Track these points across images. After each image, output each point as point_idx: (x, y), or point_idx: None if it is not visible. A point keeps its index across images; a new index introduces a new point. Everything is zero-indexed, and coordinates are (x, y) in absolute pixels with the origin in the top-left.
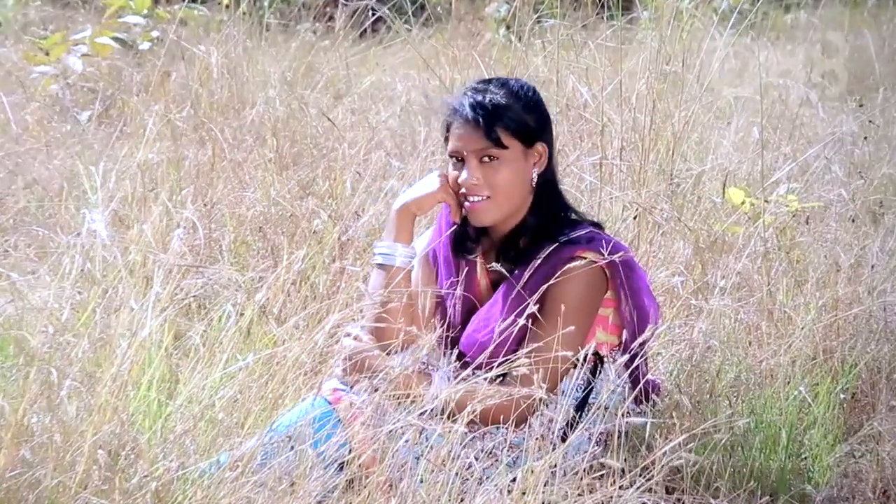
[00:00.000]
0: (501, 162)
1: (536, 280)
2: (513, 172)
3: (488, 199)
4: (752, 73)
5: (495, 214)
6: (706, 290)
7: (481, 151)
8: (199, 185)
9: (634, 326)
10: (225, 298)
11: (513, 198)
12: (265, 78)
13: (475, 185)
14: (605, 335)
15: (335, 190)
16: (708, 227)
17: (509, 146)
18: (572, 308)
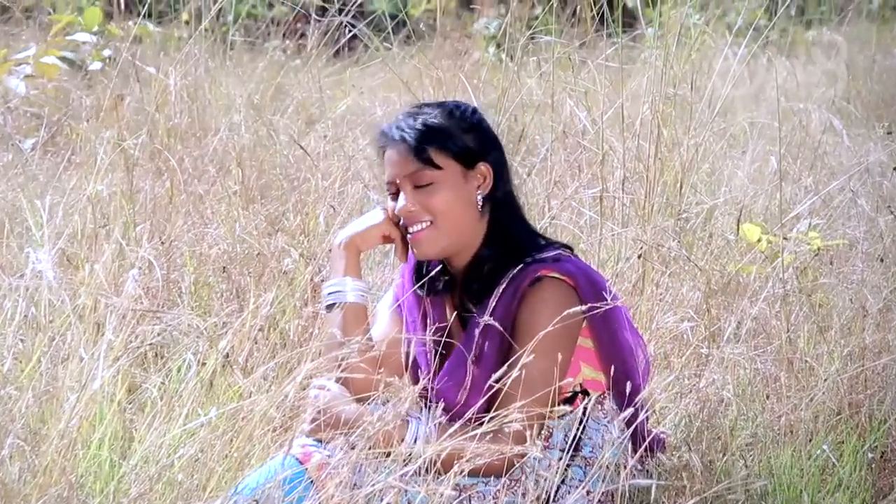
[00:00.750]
0: (437, 185)
1: (501, 308)
2: (451, 195)
3: (430, 225)
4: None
5: (441, 242)
6: (718, 336)
7: (414, 175)
8: (156, 220)
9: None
10: (185, 347)
11: (457, 223)
12: (229, 101)
13: (412, 213)
14: (593, 371)
15: (307, 226)
16: (720, 268)
17: (445, 167)
18: (549, 337)
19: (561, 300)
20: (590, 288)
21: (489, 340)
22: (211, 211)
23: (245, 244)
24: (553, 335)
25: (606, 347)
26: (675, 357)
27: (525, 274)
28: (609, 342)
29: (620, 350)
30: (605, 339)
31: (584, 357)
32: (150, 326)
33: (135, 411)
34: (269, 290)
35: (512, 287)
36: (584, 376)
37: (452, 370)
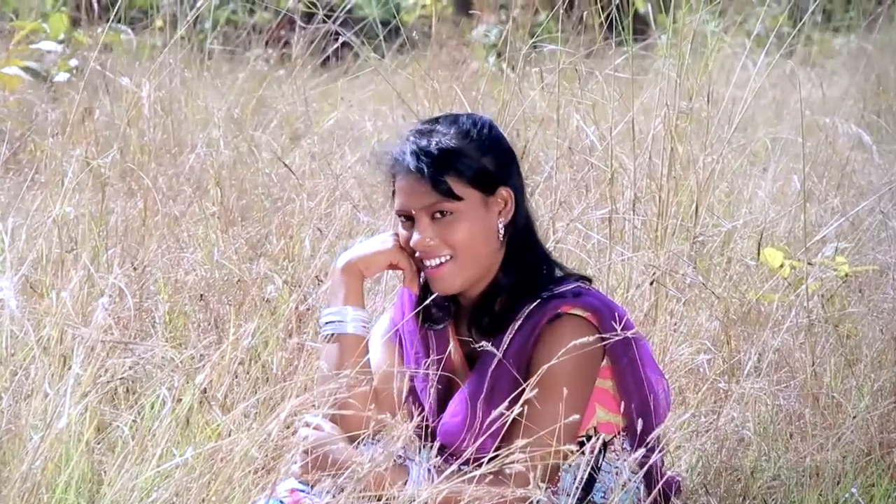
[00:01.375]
0: (457, 216)
1: (517, 347)
2: (473, 226)
3: (450, 260)
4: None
5: (462, 278)
6: (738, 370)
7: (431, 207)
8: (128, 244)
9: (642, 406)
10: (159, 381)
11: (479, 256)
12: (207, 115)
13: (430, 247)
14: (608, 414)
15: (291, 250)
16: (740, 296)
17: (464, 196)
18: (564, 377)
19: (581, 339)
20: (611, 323)
21: (501, 380)
22: (187, 234)
23: (224, 270)
24: (570, 376)
25: (629, 386)
26: (690, 392)
27: (544, 311)
28: (633, 381)
29: (641, 389)
30: (628, 377)
31: (599, 398)
32: (120, 359)
33: (104, 452)
34: (251, 319)
35: (529, 324)
36: (598, 419)
37: (457, 410)
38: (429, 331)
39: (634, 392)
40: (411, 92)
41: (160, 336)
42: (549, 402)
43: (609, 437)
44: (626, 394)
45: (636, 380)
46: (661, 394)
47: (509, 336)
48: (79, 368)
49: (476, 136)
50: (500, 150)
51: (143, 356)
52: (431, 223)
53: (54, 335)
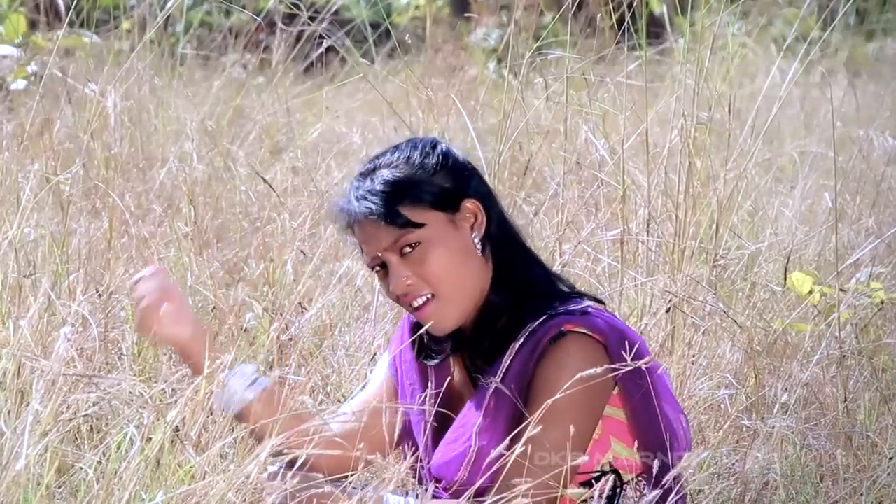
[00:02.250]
0: (426, 245)
1: (518, 369)
2: (447, 251)
3: (433, 298)
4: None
5: (452, 314)
6: (762, 407)
7: (395, 244)
8: (92, 268)
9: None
10: (126, 419)
11: (463, 281)
12: (179, 127)
13: (410, 287)
14: (624, 448)
15: (272, 275)
16: (765, 325)
17: (426, 221)
18: (568, 401)
19: (587, 360)
20: (621, 347)
21: (500, 408)
22: (157, 257)
23: (198, 296)
24: (574, 400)
25: (641, 420)
26: (710, 431)
27: (546, 328)
28: (646, 414)
29: (656, 423)
30: (640, 410)
31: (614, 430)
32: (84, 395)
33: (66, 496)
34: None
35: (531, 343)
36: (614, 453)
37: (453, 441)
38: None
39: (648, 426)
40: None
41: (128, 369)
42: (551, 429)
43: (627, 476)
44: (638, 428)
45: (650, 413)
46: (680, 431)
47: (509, 358)
48: (38, 405)
49: (420, 158)
50: (451, 165)
51: (108, 391)
52: (402, 261)
53: (11, 368)
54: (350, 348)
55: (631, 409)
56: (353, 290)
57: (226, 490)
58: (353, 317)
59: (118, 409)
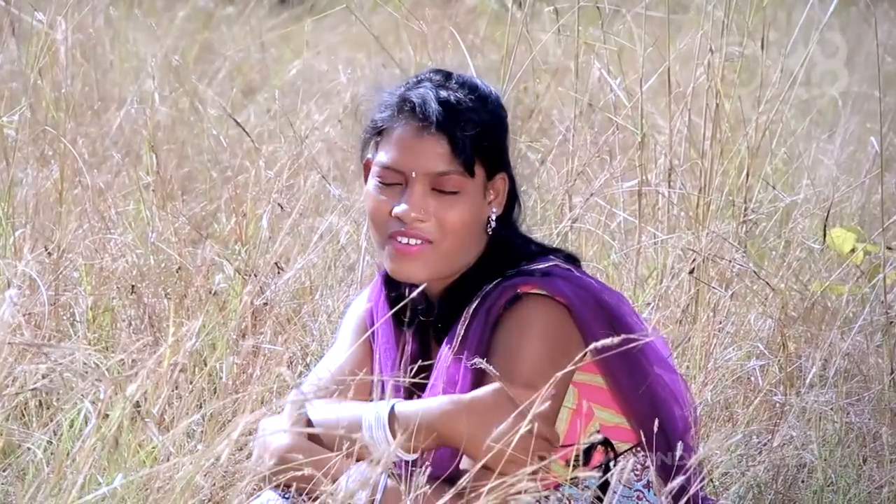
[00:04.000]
0: (461, 197)
1: (475, 339)
2: (470, 212)
3: (430, 245)
4: (867, 57)
5: (435, 269)
6: (798, 380)
7: (440, 177)
8: (41, 223)
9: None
10: (80, 393)
11: (463, 246)
12: (139, 63)
13: (419, 222)
14: (612, 415)
15: (245, 231)
16: (800, 287)
17: (475, 175)
18: (531, 367)
19: (548, 324)
20: (591, 310)
21: (464, 377)
22: (115, 211)
23: (161, 255)
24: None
25: (628, 389)
26: (739, 407)
27: (501, 291)
28: (631, 382)
29: (652, 392)
30: (624, 377)
31: (594, 397)
32: (32, 366)
33: (12, 480)
34: (195, 316)
35: (484, 308)
36: (601, 421)
37: None
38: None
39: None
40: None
41: (81, 337)
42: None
43: (622, 445)
44: (624, 398)
45: (637, 379)
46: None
47: (463, 324)
48: None
49: (492, 108)
50: (506, 133)
51: (60, 362)
52: (430, 193)
53: None
54: (332, 314)
55: (612, 376)
56: (337, 249)
57: (193, 473)
58: (337, 278)
59: (71, 381)
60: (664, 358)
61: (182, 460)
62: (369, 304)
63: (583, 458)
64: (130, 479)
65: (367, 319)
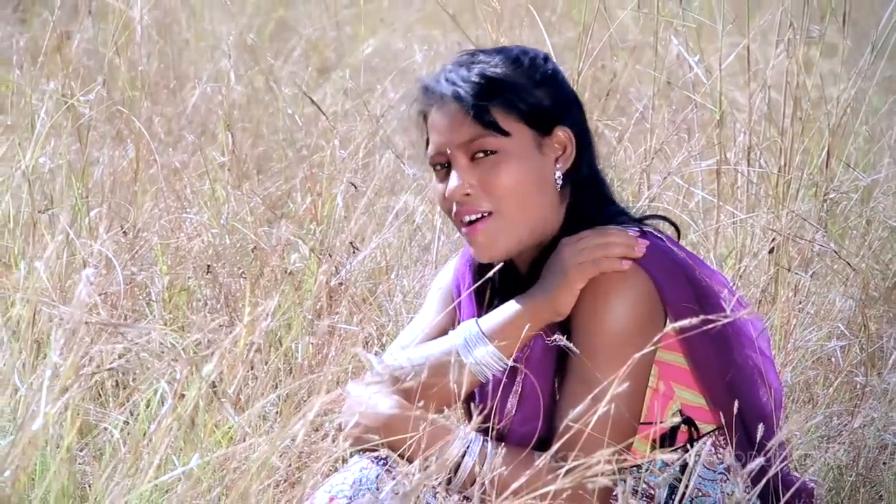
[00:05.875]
0: (503, 156)
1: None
2: (522, 170)
3: (491, 215)
4: None
5: (507, 239)
6: (880, 360)
7: (472, 143)
8: (116, 202)
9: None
10: (156, 373)
11: (528, 208)
12: (214, 42)
13: (468, 197)
14: (693, 395)
15: (320, 211)
16: (882, 267)
17: (512, 132)
18: (612, 346)
19: (635, 297)
20: (678, 284)
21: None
22: (190, 190)
23: (236, 235)
24: (624, 346)
25: (710, 370)
26: (819, 388)
27: None
28: (714, 363)
29: (736, 375)
30: (706, 358)
31: (675, 376)
32: (109, 346)
33: (89, 460)
34: (270, 296)
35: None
36: (682, 400)
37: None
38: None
39: (713, 376)
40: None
41: (157, 317)
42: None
43: (706, 427)
44: (704, 379)
45: (718, 359)
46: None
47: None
48: (57, 357)
49: (528, 65)
50: (558, 83)
51: (136, 342)
52: (470, 165)
53: (26, 315)
54: (408, 294)
55: (693, 356)
56: (412, 228)
57: (269, 453)
58: (412, 258)
59: (147, 362)
60: (753, 340)
61: (258, 441)
62: (455, 274)
63: (668, 440)
64: (206, 460)
65: (452, 291)
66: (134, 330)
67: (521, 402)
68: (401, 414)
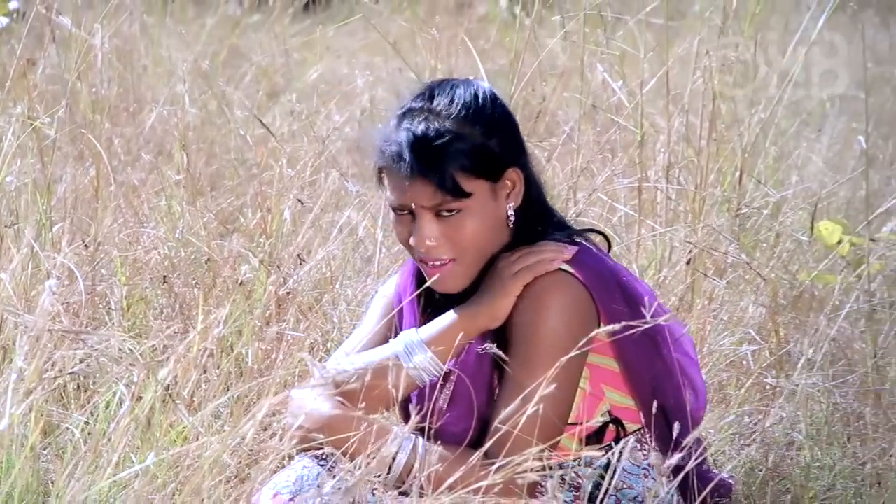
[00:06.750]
0: (465, 213)
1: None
2: (482, 223)
3: (454, 262)
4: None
5: (465, 278)
6: (787, 363)
7: (435, 206)
8: (78, 217)
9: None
10: (115, 377)
11: (485, 251)
12: (170, 68)
13: (434, 248)
14: (621, 396)
15: (269, 225)
16: (790, 277)
17: (473, 191)
18: (551, 343)
19: (567, 301)
20: (611, 291)
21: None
22: (147, 206)
23: (191, 248)
24: (558, 348)
25: (638, 373)
26: (732, 388)
27: None
28: (641, 366)
29: (663, 377)
30: (635, 361)
31: (605, 379)
32: (70, 351)
33: (52, 458)
34: (222, 305)
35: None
36: (611, 402)
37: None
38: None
39: (649, 381)
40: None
41: (116, 324)
42: (535, 374)
43: (631, 426)
44: (633, 381)
45: (647, 364)
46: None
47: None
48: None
49: (480, 114)
50: (507, 127)
51: (96, 348)
52: (435, 221)
53: None
54: (351, 302)
55: (624, 359)
56: (355, 241)
57: (220, 451)
58: (355, 269)
59: (106, 366)
60: (679, 343)
61: (210, 440)
62: (397, 288)
63: (595, 437)
64: (162, 458)
65: (394, 302)
66: (94, 336)
67: (455, 402)
68: (341, 415)
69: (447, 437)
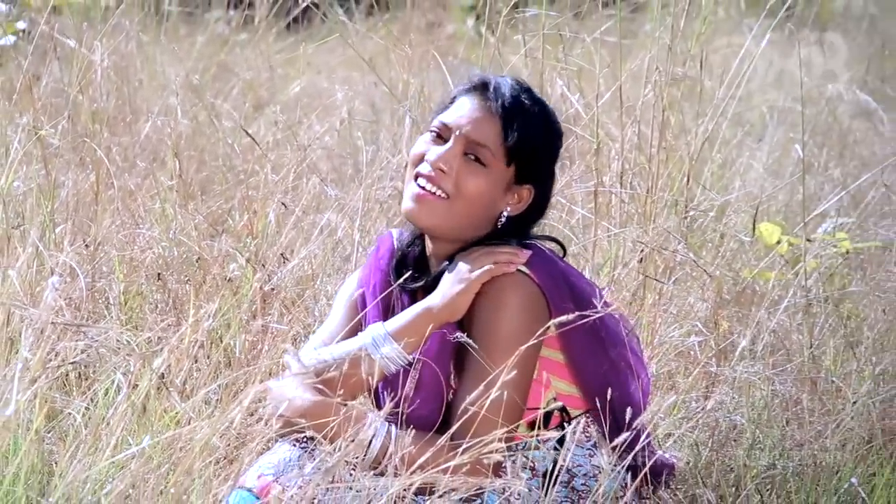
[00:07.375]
0: (486, 172)
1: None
2: (487, 190)
3: (447, 199)
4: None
5: (440, 221)
6: (730, 353)
7: (476, 145)
8: (79, 220)
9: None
10: (113, 366)
11: (471, 215)
12: (164, 81)
13: (440, 173)
14: (566, 385)
15: (255, 226)
16: (733, 274)
17: (503, 164)
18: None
19: (524, 300)
20: (562, 292)
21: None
22: (143, 209)
23: (183, 247)
24: (515, 341)
25: (585, 364)
26: (680, 376)
27: None
28: (589, 358)
29: (608, 368)
30: (582, 354)
31: (552, 369)
32: (72, 343)
33: (55, 441)
34: (212, 300)
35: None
36: (556, 390)
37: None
38: (397, 297)
39: (593, 372)
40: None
41: (114, 318)
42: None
43: (575, 411)
44: (579, 372)
45: (592, 355)
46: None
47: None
48: (27, 352)
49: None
50: (555, 153)
51: (96, 339)
52: (462, 157)
53: (0, 317)
54: (331, 298)
55: (571, 352)
56: (334, 242)
57: (210, 435)
58: (334, 267)
59: (105, 356)
60: (624, 340)
61: (201, 424)
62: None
63: (542, 422)
64: (156, 441)
65: (358, 298)
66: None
67: (421, 387)
68: (320, 402)
69: (415, 420)
